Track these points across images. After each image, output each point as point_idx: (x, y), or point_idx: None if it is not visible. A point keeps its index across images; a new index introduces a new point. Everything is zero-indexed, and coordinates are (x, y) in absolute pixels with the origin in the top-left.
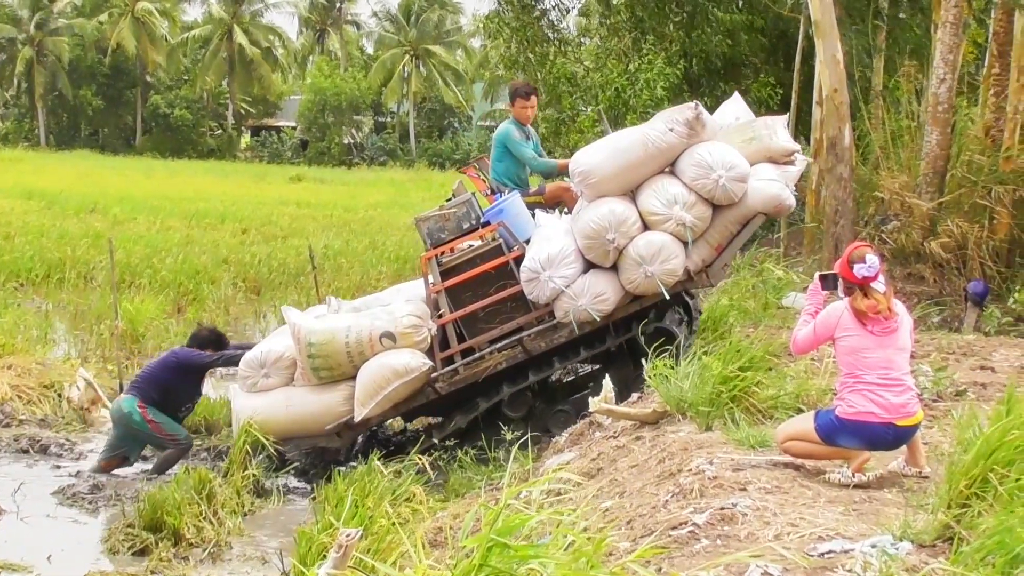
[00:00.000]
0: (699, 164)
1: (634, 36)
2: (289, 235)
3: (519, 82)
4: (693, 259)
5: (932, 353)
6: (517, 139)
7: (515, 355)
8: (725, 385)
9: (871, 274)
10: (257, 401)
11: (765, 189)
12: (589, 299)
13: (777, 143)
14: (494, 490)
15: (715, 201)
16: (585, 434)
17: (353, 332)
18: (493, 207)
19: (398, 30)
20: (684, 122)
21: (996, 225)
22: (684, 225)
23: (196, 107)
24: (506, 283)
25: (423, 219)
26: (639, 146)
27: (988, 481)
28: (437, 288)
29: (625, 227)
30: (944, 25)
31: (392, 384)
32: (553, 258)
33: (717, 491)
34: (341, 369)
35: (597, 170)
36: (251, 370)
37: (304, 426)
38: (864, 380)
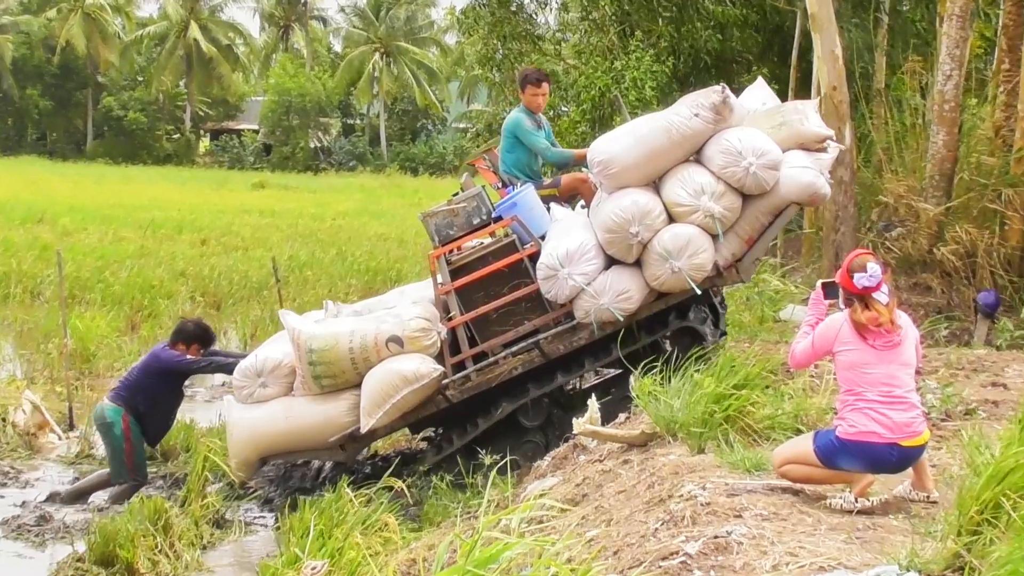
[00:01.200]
0: (728, 151)
1: (619, 32)
2: (251, 246)
3: (529, 68)
4: (722, 253)
5: (940, 368)
6: (528, 128)
7: (532, 359)
8: (718, 404)
9: (872, 284)
10: (254, 413)
11: (798, 177)
12: (611, 297)
13: (809, 128)
14: (471, 518)
15: (745, 190)
16: (569, 458)
17: (357, 337)
18: (505, 201)
19: (367, 26)
20: (710, 107)
21: (1008, 231)
22: (713, 216)
23: (151, 109)
24: (520, 282)
25: (430, 214)
26: (662, 133)
27: (1000, 507)
28: (446, 288)
29: (649, 219)
30: (950, 18)
31: (401, 392)
32: (572, 254)
33: (710, 518)
34: (345, 377)
35: (618, 159)
36: (247, 380)
37: (305, 439)
38: (865, 398)
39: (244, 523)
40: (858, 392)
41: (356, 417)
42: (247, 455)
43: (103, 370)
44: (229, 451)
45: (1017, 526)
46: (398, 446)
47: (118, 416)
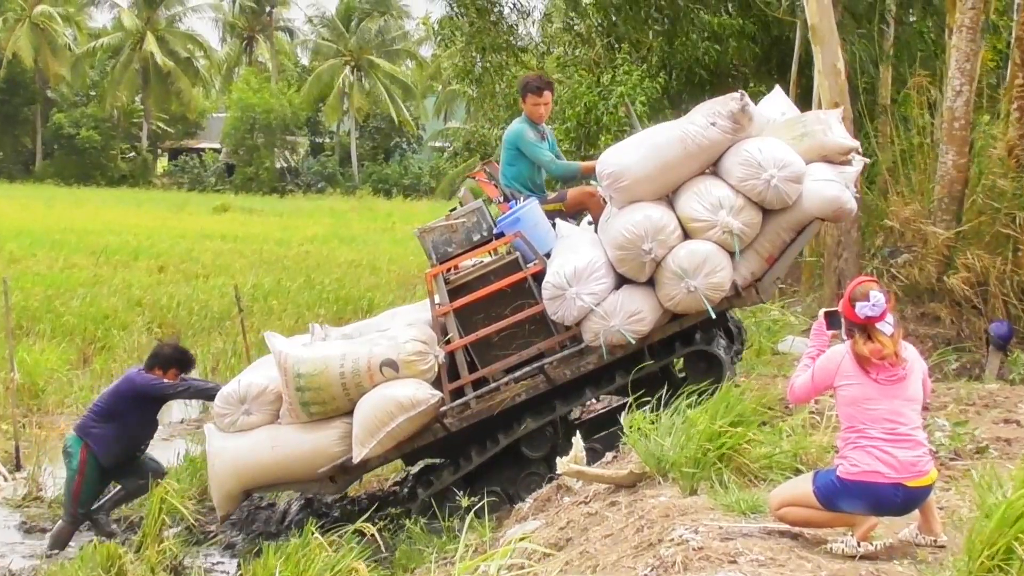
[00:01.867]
0: (747, 163)
1: (606, 44)
2: (212, 273)
3: (531, 75)
4: (741, 272)
5: (949, 404)
6: (532, 140)
7: (536, 385)
8: (712, 442)
9: (876, 314)
10: (237, 443)
11: (822, 191)
12: (623, 319)
13: (833, 139)
14: (447, 564)
15: (766, 205)
16: (552, 499)
17: (349, 361)
18: (508, 216)
19: (337, 38)
20: (728, 115)
21: (1022, 257)
22: (731, 233)
23: (105, 127)
24: (524, 303)
25: (427, 230)
26: (677, 143)
27: (1012, 551)
28: (444, 310)
29: (663, 235)
30: (959, 29)
31: (396, 419)
32: (580, 272)
33: (703, 564)
34: (335, 404)
35: (629, 171)
36: (229, 407)
37: (293, 470)
38: (868, 435)
39: (204, 570)
40: (860, 429)
41: (347, 447)
42: (229, 488)
43: (53, 406)
44: (210, 483)
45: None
46: (369, 488)
47: (77, 447)
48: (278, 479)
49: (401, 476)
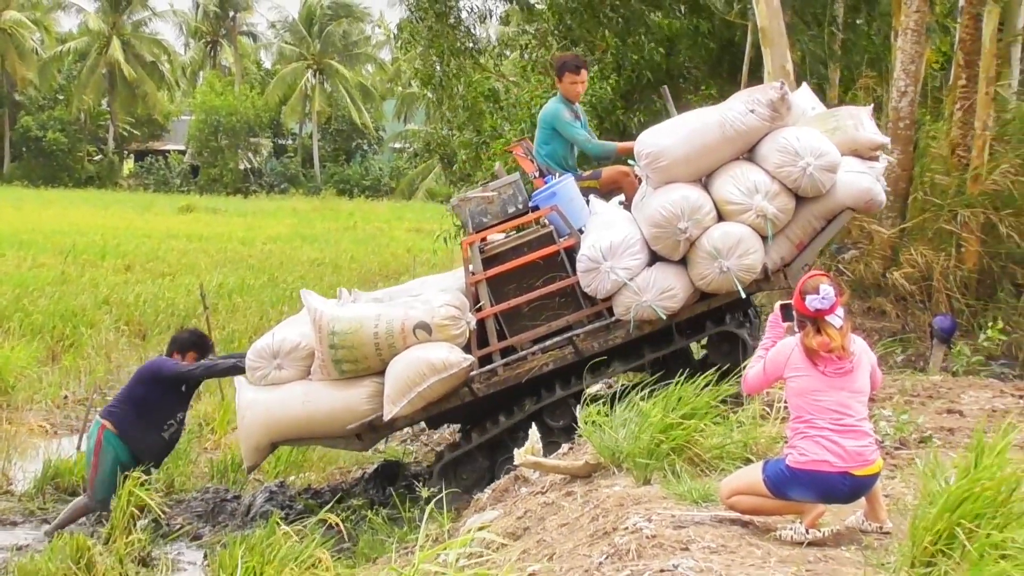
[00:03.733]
0: (785, 150)
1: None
2: (178, 272)
3: (568, 54)
4: (771, 256)
5: (894, 395)
6: (567, 120)
7: (564, 356)
8: (665, 434)
9: (825, 306)
10: (268, 396)
11: (855, 182)
12: (655, 294)
13: (864, 135)
14: (407, 553)
15: (800, 192)
16: (510, 490)
17: (383, 322)
18: (544, 190)
19: (299, 42)
20: (767, 103)
21: (964, 253)
22: (765, 217)
23: (72, 129)
24: (555, 275)
25: (465, 200)
26: (715, 128)
27: (955, 537)
28: (478, 278)
29: (699, 216)
30: (905, 32)
31: (428, 380)
32: (616, 247)
33: (656, 551)
34: (367, 363)
35: (667, 152)
36: (261, 361)
37: (322, 426)
38: (816, 425)
39: (172, 561)
40: (808, 420)
41: (376, 405)
42: (259, 440)
43: (22, 402)
44: (239, 435)
45: (972, 557)
46: (332, 480)
47: (95, 428)
48: (306, 433)
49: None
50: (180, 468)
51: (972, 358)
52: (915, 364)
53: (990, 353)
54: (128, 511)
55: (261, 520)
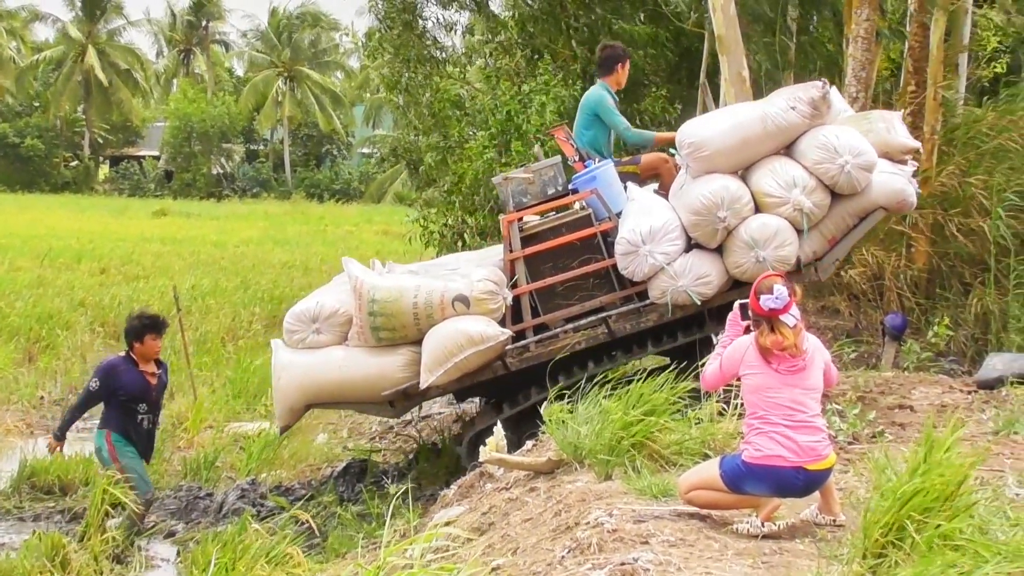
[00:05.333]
0: (824, 147)
1: (526, 55)
2: (152, 274)
3: (617, 44)
4: (804, 250)
5: (847, 391)
6: (611, 107)
7: (597, 335)
8: (626, 431)
9: (779, 306)
10: (306, 359)
11: (889, 182)
12: (691, 280)
13: (896, 138)
14: (375, 548)
15: (836, 189)
16: (476, 486)
17: (423, 293)
18: (584, 174)
19: (270, 50)
20: (808, 101)
21: (914, 253)
22: (801, 211)
23: (49, 136)
24: (591, 257)
25: (507, 178)
26: (757, 122)
27: (905, 529)
28: (516, 255)
29: (738, 206)
30: (856, 39)
31: (465, 352)
32: (656, 232)
33: (617, 545)
34: (404, 332)
35: (710, 143)
36: (300, 324)
37: (357, 391)
38: (771, 421)
39: (146, 558)
40: (763, 416)
41: (411, 373)
42: (294, 401)
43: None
44: (274, 395)
45: (921, 548)
46: (302, 478)
47: (101, 439)
48: (341, 398)
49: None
50: (154, 466)
51: (922, 355)
52: (867, 361)
53: (940, 350)
54: (102, 509)
55: (233, 517)
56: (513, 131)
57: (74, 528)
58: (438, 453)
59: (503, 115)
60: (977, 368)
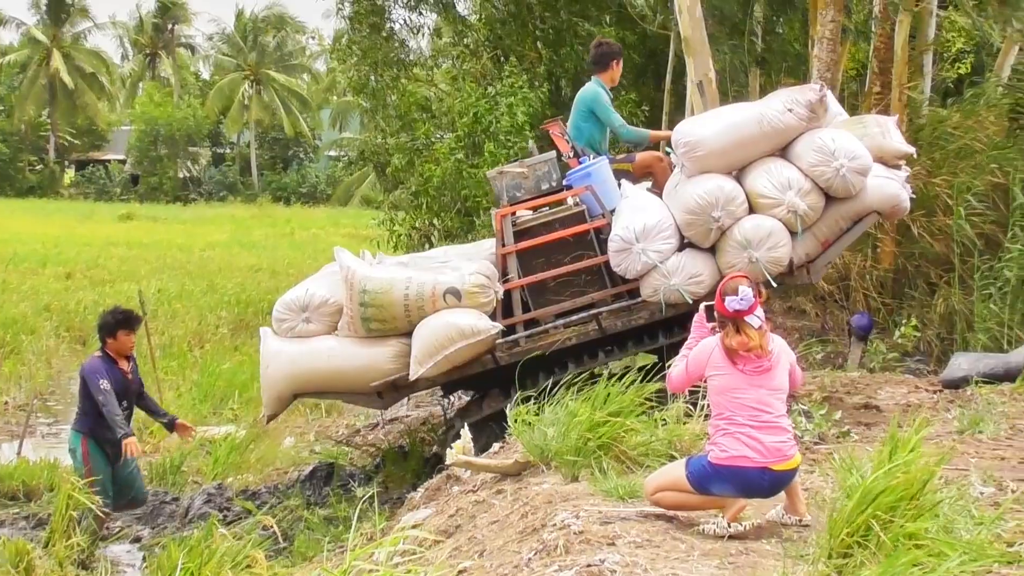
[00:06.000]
0: (821, 150)
1: (493, 57)
2: (118, 279)
3: (612, 42)
4: (797, 252)
5: (814, 392)
6: (606, 103)
7: (587, 332)
8: (593, 432)
9: (744, 307)
10: (294, 348)
11: (883, 187)
12: (683, 279)
13: (890, 143)
14: (341, 552)
15: (831, 192)
16: (442, 489)
17: (415, 285)
18: (578, 170)
19: (236, 53)
20: (806, 104)
21: (880, 254)
22: (795, 213)
23: (14, 140)
24: (583, 254)
25: (501, 173)
26: (754, 123)
27: (871, 529)
28: (509, 249)
29: (733, 206)
30: (821, 40)
31: (456, 344)
32: (649, 230)
33: (584, 547)
34: (394, 323)
35: (706, 143)
36: (290, 313)
37: (345, 381)
38: (736, 422)
39: (111, 563)
40: (729, 417)
41: (400, 365)
42: (281, 389)
43: None
44: (262, 384)
45: (886, 548)
46: (269, 482)
47: (77, 441)
48: (329, 387)
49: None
50: None
51: (888, 355)
52: (834, 361)
53: (905, 350)
54: (67, 515)
55: (199, 522)
56: (480, 133)
57: (39, 534)
58: (405, 456)
59: (470, 117)
60: (943, 368)
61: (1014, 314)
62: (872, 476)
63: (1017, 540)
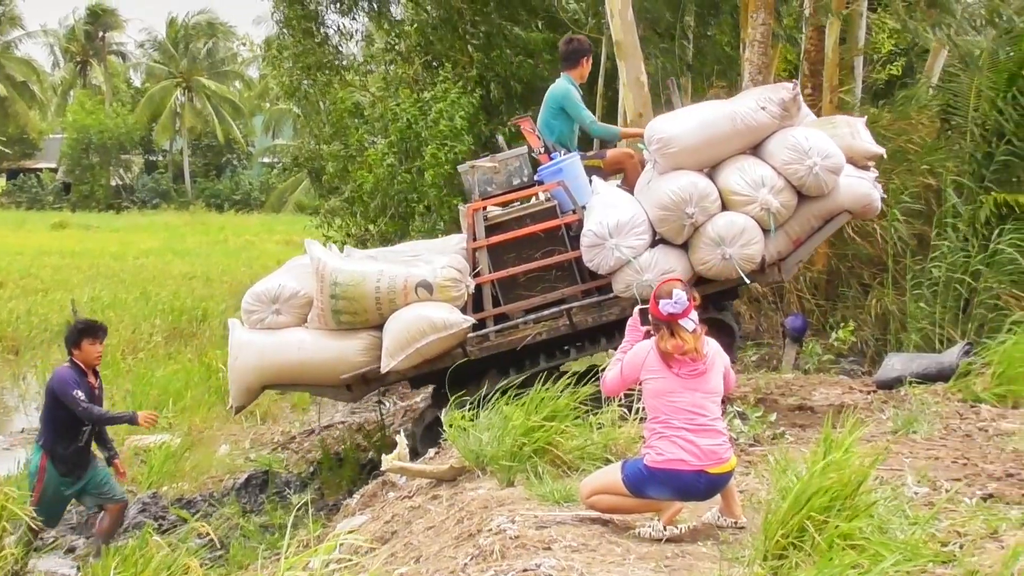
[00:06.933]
0: (794, 148)
1: (425, 62)
2: (51, 288)
3: (582, 39)
4: (769, 249)
5: (748, 394)
6: (577, 100)
7: (558, 327)
8: (528, 437)
9: (678, 311)
10: (264, 339)
11: (856, 187)
12: (655, 275)
13: (860, 144)
14: (277, 559)
15: (804, 190)
16: (378, 495)
17: (386, 278)
18: (549, 165)
19: (168, 60)
20: (779, 102)
21: (813, 256)
22: (768, 210)
23: None
24: (554, 249)
25: (473, 167)
26: (726, 121)
27: (806, 530)
28: (480, 244)
29: (706, 203)
30: (752, 44)
31: (428, 338)
32: (623, 225)
33: (520, 551)
34: (365, 316)
35: (679, 140)
36: (260, 304)
37: (315, 373)
38: (672, 425)
39: (45, 573)
40: (664, 420)
41: (371, 358)
42: (250, 381)
43: None
44: (230, 375)
45: (821, 549)
46: (204, 490)
47: (37, 455)
48: (298, 380)
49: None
50: None
51: (823, 356)
52: (768, 363)
53: (840, 351)
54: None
55: (134, 531)
56: (413, 138)
57: None
58: (341, 463)
59: (403, 123)
60: (877, 368)
61: (945, 313)
62: (806, 477)
63: (951, 540)
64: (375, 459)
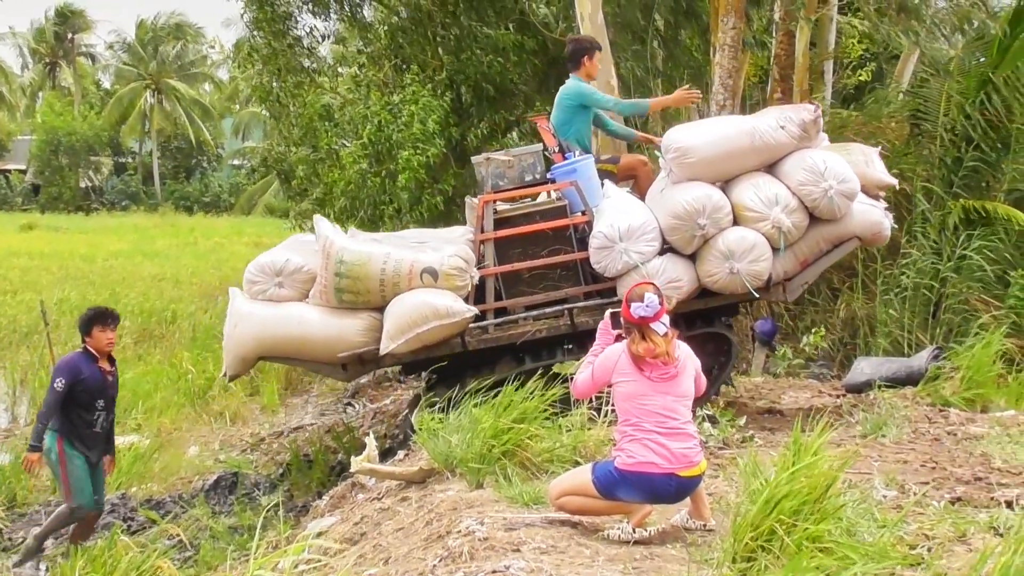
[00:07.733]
0: (811, 169)
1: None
2: (20, 289)
3: (589, 37)
4: (776, 268)
5: (718, 397)
6: (593, 90)
7: (558, 326)
8: (497, 439)
9: (650, 314)
10: (265, 311)
11: (867, 213)
12: (662, 282)
13: (873, 173)
14: (246, 561)
15: (816, 212)
16: (347, 497)
17: (392, 261)
18: (564, 165)
19: (137, 62)
20: (799, 122)
21: None
22: (780, 229)
23: None
24: (561, 248)
25: (488, 159)
26: (745, 136)
27: (775, 532)
28: (488, 236)
29: (719, 216)
30: (722, 48)
31: (430, 323)
32: (634, 230)
33: (489, 553)
34: (367, 297)
35: (697, 151)
36: (263, 276)
37: (312, 350)
38: (643, 428)
39: (14, 574)
40: (635, 423)
41: (369, 339)
42: (247, 351)
43: None
44: (226, 343)
45: (790, 551)
46: (173, 491)
47: (53, 441)
48: (295, 354)
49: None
50: (22, 482)
51: (793, 360)
52: (738, 367)
53: (810, 355)
54: None
55: (103, 532)
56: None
57: None
58: (310, 464)
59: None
60: (846, 372)
61: (914, 318)
62: (775, 480)
63: (919, 543)
64: (344, 461)
